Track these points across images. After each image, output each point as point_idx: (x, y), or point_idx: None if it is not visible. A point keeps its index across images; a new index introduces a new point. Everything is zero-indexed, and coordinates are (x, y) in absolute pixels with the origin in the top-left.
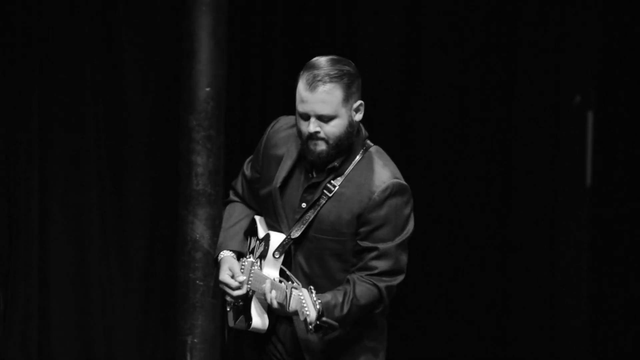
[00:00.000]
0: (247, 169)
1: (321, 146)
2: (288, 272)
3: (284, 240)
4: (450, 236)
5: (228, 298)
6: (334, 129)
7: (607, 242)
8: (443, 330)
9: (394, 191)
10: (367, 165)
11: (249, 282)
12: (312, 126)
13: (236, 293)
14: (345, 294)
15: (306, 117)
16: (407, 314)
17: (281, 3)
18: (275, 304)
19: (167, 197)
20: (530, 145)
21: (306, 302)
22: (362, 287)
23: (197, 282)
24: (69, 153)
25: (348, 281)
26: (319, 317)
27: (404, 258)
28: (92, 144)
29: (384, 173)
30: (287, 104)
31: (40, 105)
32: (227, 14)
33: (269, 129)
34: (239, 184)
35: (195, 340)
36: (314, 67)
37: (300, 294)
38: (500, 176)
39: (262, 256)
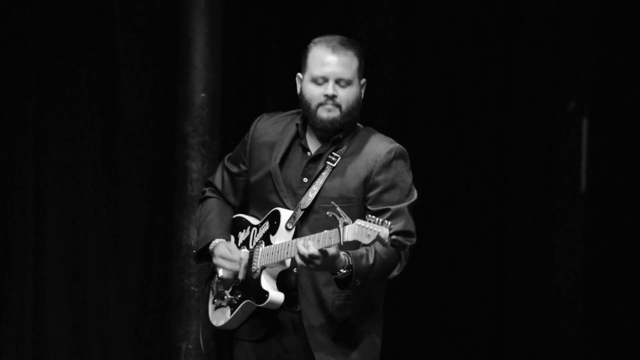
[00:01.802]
0: (228, 164)
1: (334, 112)
2: (338, 208)
3: (295, 212)
4: (446, 240)
5: (225, 295)
6: (349, 95)
7: (602, 247)
8: (439, 333)
9: (397, 154)
10: (367, 137)
11: (254, 263)
12: (331, 89)
13: (231, 266)
14: (367, 249)
15: (323, 80)
16: (404, 315)
17: (277, 9)
18: (313, 251)
19: (162, 203)
20: (526, 151)
21: (368, 225)
22: None
23: (192, 288)
24: (64, 159)
25: None
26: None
27: (413, 222)
28: (88, 150)
29: (385, 140)
30: (283, 109)
31: (35, 112)
32: (223, 20)
33: (255, 122)
34: (217, 180)
35: (190, 346)
36: (329, 38)
37: (358, 223)
38: (496, 181)
39: (271, 232)
